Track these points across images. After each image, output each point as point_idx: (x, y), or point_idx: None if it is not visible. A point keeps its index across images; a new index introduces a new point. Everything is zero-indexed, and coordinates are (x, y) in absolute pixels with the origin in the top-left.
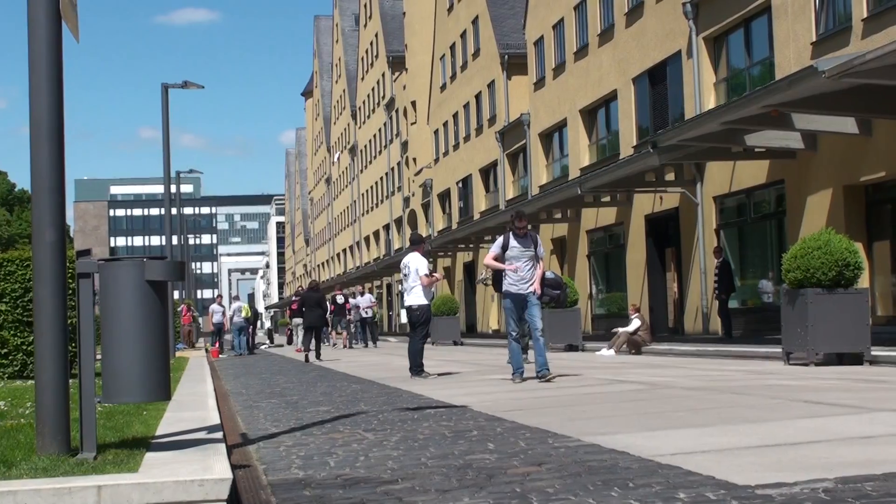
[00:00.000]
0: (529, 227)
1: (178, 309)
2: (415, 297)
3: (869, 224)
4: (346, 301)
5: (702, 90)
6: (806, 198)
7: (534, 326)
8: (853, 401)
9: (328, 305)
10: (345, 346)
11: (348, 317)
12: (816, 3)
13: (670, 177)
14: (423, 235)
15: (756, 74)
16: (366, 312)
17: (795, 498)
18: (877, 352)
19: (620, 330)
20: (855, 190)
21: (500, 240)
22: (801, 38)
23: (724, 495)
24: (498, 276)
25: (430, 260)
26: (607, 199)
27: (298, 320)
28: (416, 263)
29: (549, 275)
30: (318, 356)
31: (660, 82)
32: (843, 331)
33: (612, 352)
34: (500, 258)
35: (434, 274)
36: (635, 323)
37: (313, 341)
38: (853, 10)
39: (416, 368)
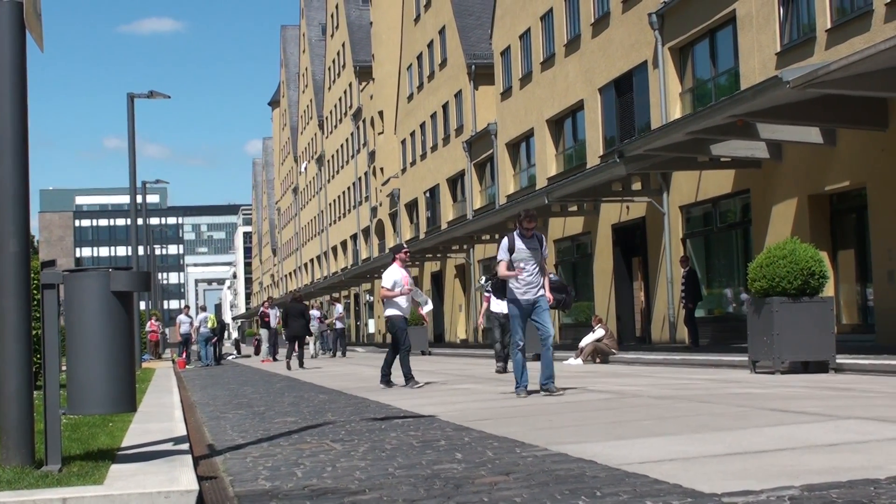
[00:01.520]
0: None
1: (147, 329)
2: (385, 308)
3: (833, 233)
4: None
5: (668, 100)
6: (771, 207)
7: (546, 334)
8: (819, 409)
9: (310, 316)
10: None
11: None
12: (781, 14)
13: (637, 186)
14: (400, 244)
15: (722, 84)
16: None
17: None
18: (842, 360)
19: (585, 340)
20: (819, 199)
21: (504, 243)
22: (766, 49)
23: (691, 503)
24: (501, 283)
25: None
26: (574, 208)
27: (265, 331)
28: (383, 276)
29: (552, 277)
30: (301, 364)
31: (626, 92)
32: (808, 339)
33: (579, 361)
34: (509, 262)
35: (406, 287)
36: (599, 332)
37: (295, 350)
38: (817, 21)
39: (394, 378)
